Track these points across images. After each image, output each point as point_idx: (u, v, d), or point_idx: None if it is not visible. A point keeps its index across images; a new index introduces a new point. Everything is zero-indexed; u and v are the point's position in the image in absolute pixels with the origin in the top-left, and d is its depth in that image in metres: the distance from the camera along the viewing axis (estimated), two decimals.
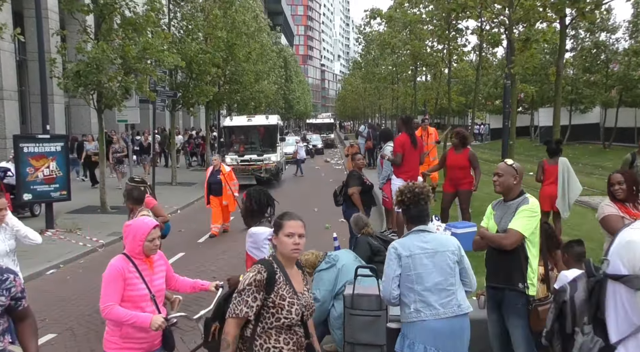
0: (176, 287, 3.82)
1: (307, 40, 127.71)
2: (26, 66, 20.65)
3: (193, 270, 8.43)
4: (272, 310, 2.69)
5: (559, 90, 8.49)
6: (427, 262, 3.30)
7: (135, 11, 12.49)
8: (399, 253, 3.34)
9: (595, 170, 20.55)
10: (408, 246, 3.36)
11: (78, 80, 11.37)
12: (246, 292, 2.67)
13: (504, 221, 3.76)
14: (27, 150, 10.66)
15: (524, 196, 3.80)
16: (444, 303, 3.27)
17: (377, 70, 31.10)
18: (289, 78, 55.86)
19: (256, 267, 2.75)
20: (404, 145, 7.76)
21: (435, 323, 3.24)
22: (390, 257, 3.36)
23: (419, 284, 3.29)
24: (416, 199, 3.42)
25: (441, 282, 3.29)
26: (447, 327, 3.25)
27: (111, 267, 3.30)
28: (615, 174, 4.36)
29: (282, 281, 2.74)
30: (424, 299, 3.27)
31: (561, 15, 8.15)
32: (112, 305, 3.20)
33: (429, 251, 3.33)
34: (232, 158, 18.25)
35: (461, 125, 22.71)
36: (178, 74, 18.81)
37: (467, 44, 17.25)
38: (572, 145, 29.95)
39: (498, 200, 3.99)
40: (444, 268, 3.31)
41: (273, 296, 2.69)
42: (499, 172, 3.84)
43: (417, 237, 3.39)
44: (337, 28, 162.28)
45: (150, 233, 3.35)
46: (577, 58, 30.56)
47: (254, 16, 26.14)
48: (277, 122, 19.66)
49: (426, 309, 3.26)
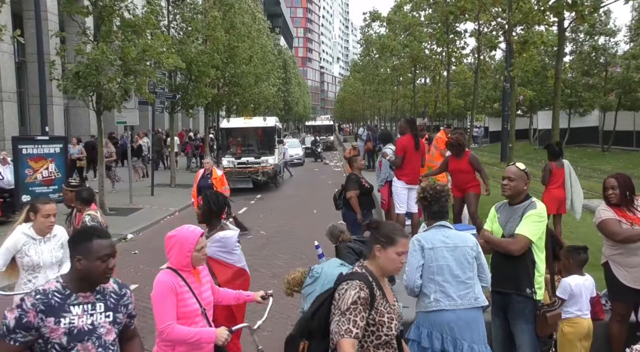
0: (218, 299, 3.55)
1: (307, 43, 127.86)
2: (25, 68, 20.64)
3: None
4: (373, 327, 2.59)
5: (558, 93, 8.51)
6: (447, 256, 3.45)
7: (134, 13, 12.51)
8: (422, 245, 3.50)
9: (593, 173, 20.58)
10: (430, 239, 3.52)
11: (77, 81, 11.37)
12: (352, 311, 2.51)
13: (510, 225, 3.72)
14: (25, 152, 10.65)
15: (531, 200, 3.75)
16: (462, 295, 3.41)
17: (377, 72, 31.16)
18: (288, 80, 55.90)
19: (356, 284, 2.57)
20: (406, 148, 7.75)
21: (452, 314, 3.37)
22: (415, 248, 3.51)
23: (440, 275, 3.43)
24: (437, 196, 3.61)
25: (460, 275, 3.44)
26: (464, 318, 3.37)
27: (160, 284, 3.06)
28: (610, 178, 4.33)
29: (379, 295, 2.63)
30: (443, 289, 3.41)
31: (560, 18, 8.18)
32: (171, 324, 2.99)
33: (450, 245, 3.48)
34: (229, 160, 17.97)
35: (458, 128, 22.65)
36: (177, 76, 18.82)
37: (465, 47, 17.27)
38: (571, 149, 30.00)
39: (502, 202, 3.93)
40: (463, 262, 3.46)
41: (373, 313, 2.58)
42: (510, 176, 3.76)
43: (438, 231, 3.56)
44: (337, 30, 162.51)
45: (198, 242, 3.12)
46: (576, 61, 30.63)
47: (254, 18, 26.18)
48: (275, 124, 19.34)
49: (445, 299, 3.40)
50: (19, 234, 4.22)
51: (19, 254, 4.17)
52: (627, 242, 4.13)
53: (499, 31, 12.22)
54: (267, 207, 14.94)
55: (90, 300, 2.51)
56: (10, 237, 4.22)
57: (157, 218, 12.77)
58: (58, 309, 2.40)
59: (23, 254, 4.17)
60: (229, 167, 17.59)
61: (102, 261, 2.45)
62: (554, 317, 3.71)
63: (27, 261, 4.18)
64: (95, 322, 2.50)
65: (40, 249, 4.20)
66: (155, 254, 9.62)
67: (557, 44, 9.26)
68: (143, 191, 15.89)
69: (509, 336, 3.80)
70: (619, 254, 4.23)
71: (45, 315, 2.36)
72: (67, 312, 2.42)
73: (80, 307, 2.47)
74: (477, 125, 38.15)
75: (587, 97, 30.00)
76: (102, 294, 2.55)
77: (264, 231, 11.38)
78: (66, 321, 2.41)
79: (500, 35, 12.12)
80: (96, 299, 2.53)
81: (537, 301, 3.67)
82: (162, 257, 9.78)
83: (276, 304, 6.69)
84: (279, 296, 6.99)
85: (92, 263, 2.43)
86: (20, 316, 2.33)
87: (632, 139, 28.89)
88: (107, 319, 2.54)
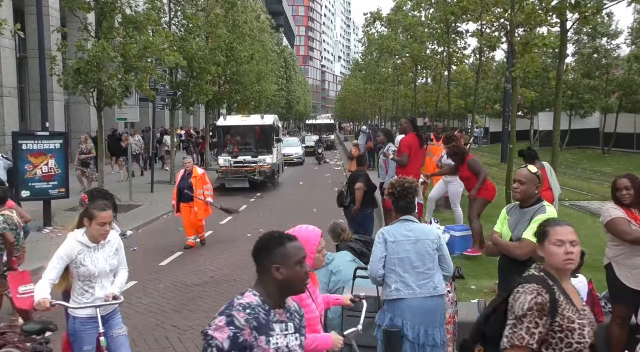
0: None
1: (308, 41, 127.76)
2: (26, 63, 20.63)
3: (190, 269, 8.42)
4: (560, 334, 2.37)
5: (559, 94, 8.46)
6: (409, 248, 3.71)
7: (136, 10, 12.48)
8: (385, 238, 3.76)
9: (594, 175, 20.56)
10: (393, 233, 3.77)
11: (78, 77, 11.35)
12: (527, 317, 2.35)
13: (518, 228, 3.70)
14: (25, 147, 10.63)
15: (541, 204, 3.71)
16: (421, 285, 3.67)
17: (378, 71, 31.10)
18: (289, 78, 55.86)
19: (533, 288, 2.39)
20: (412, 147, 7.75)
21: (412, 301, 3.64)
22: (379, 241, 3.78)
23: (400, 266, 3.70)
24: (405, 193, 3.82)
25: (419, 266, 3.69)
26: (422, 305, 3.65)
27: None
28: (622, 179, 4.26)
29: (562, 299, 2.41)
30: (403, 280, 3.68)
31: (562, 19, 8.14)
32: None
33: (412, 238, 3.73)
34: (225, 159, 17.59)
35: (455, 128, 22.51)
36: (178, 73, 18.79)
37: (467, 47, 17.19)
38: (571, 150, 29.97)
39: (513, 204, 3.91)
40: (424, 254, 3.70)
41: (559, 319, 2.37)
42: (521, 179, 3.72)
43: (402, 225, 3.81)
44: (338, 29, 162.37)
45: (320, 243, 2.92)
46: (578, 63, 30.58)
47: (256, 16, 26.15)
48: (273, 122, 18.82)
49: (405, 289, 3.67)
50: (73, 241, 3.85)
51: (74, 264, 3.83)
52: (636, 244, 4.08)
53: (501, 32, 12.19)
54: (267, 205, 14.94)
55: (283, 318, 2.22)
56: (63, 245, 3.86)
57: (156, 215, 12.77)
58: (265, 326, 2.12)
59: (78, 263, 3.82)
60: (225, 166, 17.39)
61: (301, 266, 2.19)
62: None
63: (83, 270, 3.83)
64: (290, 345, 2.20)
65: (96, 257, 3.87)
66: (154, 250, 9.62)
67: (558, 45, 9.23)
68: (143, 188, 15.88)
69: None
70: (622, 254, 4.20)
71: (258, 333, 2.08)
72: (272, 331, 2.14)
73: (278, 326, 2.18)
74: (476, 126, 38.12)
75: (588, 99, 29.95)
76: (289, 313, 2.27)
77: (263, 229, 11.38)
78: (274, 340, 2.13)
79: (502, 36, 12.08)
80: (287, 318, 2.24)
81: None
82: (161, 254, 9.81)
83: None
84: None
85: (293, 269, 2.16)
86: (235, 334, 2.01)
87: (632, 142, 28.83)
88: (296, 341, 2.25)
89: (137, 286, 7.46)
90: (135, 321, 6.12)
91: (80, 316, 3.87)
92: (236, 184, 17.02)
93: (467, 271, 6.49)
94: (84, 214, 3.91)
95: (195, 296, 7.12)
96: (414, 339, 3.64)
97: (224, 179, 17.23)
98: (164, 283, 7.67)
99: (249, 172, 17.18)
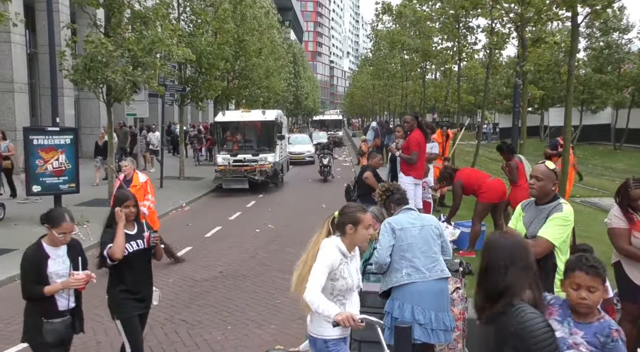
0: None
1: (317, 37, 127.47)
2: (37, 59, 20.78)
3: (200, 264, 8.45)
4: None
5: (570, 89, 8.35)
6: (415, 234, 3.93)
7: (145, 5, 12.51)
8: (393, 227, 3.96)
9: (605, 171, 20.39)
10: (400, 221, 4.01)
11: (86, 73, 11.42)
12: None
13: (534, 226, 3.58)
14: (36, 143, 10.71)
15: (558, 202, 3.57)
16: (430, 268, 3.85)
17: (387, 67, 30.94)
18: (298, 74, 55.78)
19: None
20: (421, 144, 7.72)
21: (422, 285, 3.79)
22: (386, 230, 3.96)
23: (409, 252, 3.88)
24: (397, 187, 4.37)
25: (427, 250, 3.90)
26: (432, 288, 3.81)
27: None
28: (638, 190, 4.13)
29: None
30: (413, 264, 3.85)
31: (573, 12, 8.03)
32: None
33: (417, 225, 3.98)
34: (224, 158, 16.33)
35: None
36: (187, 69, 18.83)
37: (477, 42, 17.03)
38: (582, 146, 29.71)
39: (528, 201, 3.78)
40: (429, 239, 3.94)
41: None
42: (538, 175, 3.57)
43: (405, 214, 4.09)
44: (347, 25, 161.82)
45: None
46: (589, 57, 30.26)
47: (265, 12, 26.11)
48: (275, 118, 17.19)
49: (415, 273, 3.83)
50: (335, 250, 3.24)
51: (332, 276, 3.23)
52: (626, 257, 4.19)
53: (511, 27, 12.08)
54: (275, 201, 14.94)
55: None
56: (326, 252, 3.22)
57: (166, 210, 12.83)
58: None
59: (338, 275, 3.24)
60: (223, 165, 16.23)
61: None
62: None
63: (341, 284, 3.26)
64: None
65: (349, 268, 3.31)
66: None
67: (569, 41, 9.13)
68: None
69: None
70: None
71: None
72: None
73: None
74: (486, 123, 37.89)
75: (600, 94, 29.66)
76: None
77: (272, 225, 11.40)
78: None
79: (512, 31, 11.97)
80: None
81: None
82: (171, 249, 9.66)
83: (284, 297, 6.72)
84: (287, 288, 6.99)
85: None
86: None
87: None
88: None
89: None
90: None
91: (333, 338, 3.26)
92: (235, 184, 15.93)
93: (476, 268, 6.47)
94: (345, 219, 3.27)
95: (204, 291, 7.15)
96: (427, 323, 3.76)
97: (222, 180, 16.07)
98: (173, 278, 7.71)
99: (248, 172, 16.03)
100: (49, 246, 3.67)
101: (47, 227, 3.65)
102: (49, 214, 3.69)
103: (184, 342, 5.51)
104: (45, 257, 3.62)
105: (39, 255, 3.62)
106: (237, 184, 15.90)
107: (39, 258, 3.60)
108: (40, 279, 3.58)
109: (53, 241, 3.66)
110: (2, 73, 17.53)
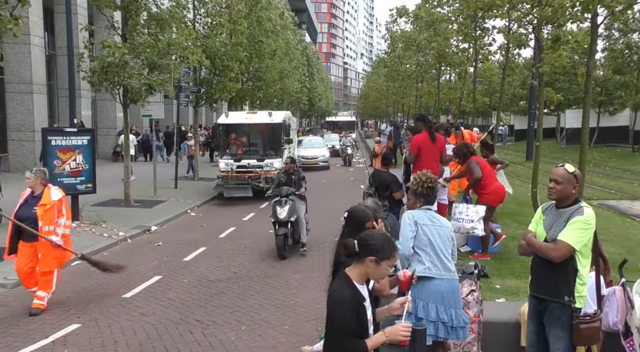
0: None
1: (331, 38, 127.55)
2: (55, 61, 21.10)
3: (214, 265, 8.50)
4: None
5: (589, 91, 8.26)
6: (435, 232, 4.01)
7: (161, 7, 12.64)
8: (416, 220, 4.02)
9: (623, 174, 20.09)
10: (421, 217, 4.06)
11: (104, 75, 11.58)
12: None
13: (554, 229, 3.53)
14: (54, 143, 10.88)
15: (579, 205, 3.51)
16: (446, 267, 3.96)
17: (401, 68, 30.84)
18: (312, 75, 55.81)
19: None
20: (421, 145, 7.83)
21: (440, 284, 3.88)
22: (408, 222, 4.03)
23: (430, 247, 3.97)
24: (432, 186, 4.21)
25: (444, 250, 3.99)
26: (449, 287, 3.92)
27: None
28: None
29: None
30: (432, 260, 3.94)
31: (591, 13, 7.94)
32: None
33: (437, 224, 4.06)
34: (227, 163, 15.07)
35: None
36: (202, 70, 18.96)
37: (492, 43, 16.87)
38: (600, 149, 29.30)
39: (549, 204, 3.72)
40: (446, 240, 4.03)
41: None
42: (557, 179, 3.51)
43: (426, 213, 4.11)
44: (361, 26, 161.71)
45: None
46: (608, 59, 29.85)
47: (280, 14, 26.20)
48: (283, 120, 15.89)
49: (434, 268, 3.92)
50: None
51: None
52: None
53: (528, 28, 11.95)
54: None
55: None
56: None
57: (180, 211, 12.92)
58: None
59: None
60: (225, 171, 14.95)
61: None
62: (589, 329, 3.46)
63: None
64: None
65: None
66: (178, 246, 9.74)
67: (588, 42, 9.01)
68: (167, 184, 16.09)
69: (543, 342, 3.63)
70: None
71: None
72: None
73: None
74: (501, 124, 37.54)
75: (618, 96, 29.22)
76: None
77: None
78: None
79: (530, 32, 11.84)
80: None
81: (576, 310, 3.47)
82: (185, 250, 9.90)
83: (298, 297, 6.73)
84: (301, 289, 7.00)
85: None
86: None
87: None
88: None
89: (162, 281, 7.56)
90: (159, 315, 6.22)
91: None
92: (237, 193, 14.67)
93: (491, 271, 6.42)
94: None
95: (219, 291, 7.18)
96: (449, 321, 3.86)
97: (223, 187, 14.88)
98: (188, 278, 7.76)
99: (253, 179, 14.80)
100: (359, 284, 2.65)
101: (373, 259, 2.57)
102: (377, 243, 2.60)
103: (199, 342, 5.55)
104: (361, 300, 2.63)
105: (356, 296, 2.59)
106: (239, 192, 14.69)
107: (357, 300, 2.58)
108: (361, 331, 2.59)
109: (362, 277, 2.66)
110: (22, 74, 17.83)
